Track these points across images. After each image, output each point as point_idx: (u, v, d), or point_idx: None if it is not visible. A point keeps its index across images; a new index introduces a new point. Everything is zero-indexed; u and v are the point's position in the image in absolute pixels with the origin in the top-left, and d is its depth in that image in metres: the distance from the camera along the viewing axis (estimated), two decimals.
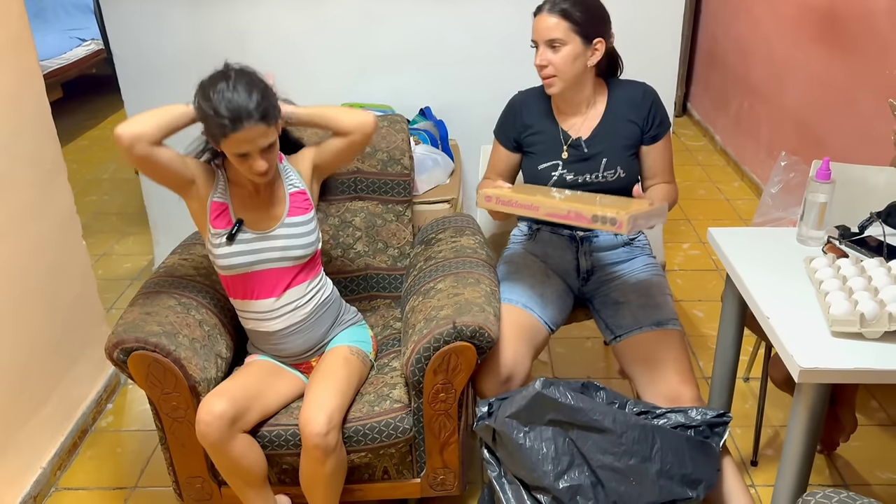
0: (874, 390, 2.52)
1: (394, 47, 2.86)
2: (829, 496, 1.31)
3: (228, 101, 1.61)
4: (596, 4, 1.91)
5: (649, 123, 1.98)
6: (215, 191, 1.83)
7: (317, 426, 1.70)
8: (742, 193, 4.07)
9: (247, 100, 1.62)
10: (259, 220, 1.84)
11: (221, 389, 1.77)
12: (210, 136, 1.71)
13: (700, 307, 2.97)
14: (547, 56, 1.87)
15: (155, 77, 2.97)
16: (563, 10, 1.85)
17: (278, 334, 1.90)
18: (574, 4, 1.85)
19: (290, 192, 1.87)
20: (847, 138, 3.10)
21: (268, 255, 1.83)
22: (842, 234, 1.86)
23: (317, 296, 1.92)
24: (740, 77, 4.30)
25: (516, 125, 2.06)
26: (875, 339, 1.48)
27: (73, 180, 2.47)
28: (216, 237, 1.82)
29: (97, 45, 5.61)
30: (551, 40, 1.86)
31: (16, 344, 2.11)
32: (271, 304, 1.86)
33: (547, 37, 1.86)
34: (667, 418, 1.73)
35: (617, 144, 1.98)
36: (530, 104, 2.05)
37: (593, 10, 1.89)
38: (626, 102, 1.99)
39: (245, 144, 1.66)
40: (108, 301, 3.11)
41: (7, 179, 2.09)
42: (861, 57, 2.98)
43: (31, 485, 2.14)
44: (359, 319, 2.06)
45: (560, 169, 2.00)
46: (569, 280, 2.09)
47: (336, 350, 1.93)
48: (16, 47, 2.15)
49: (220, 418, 1.70)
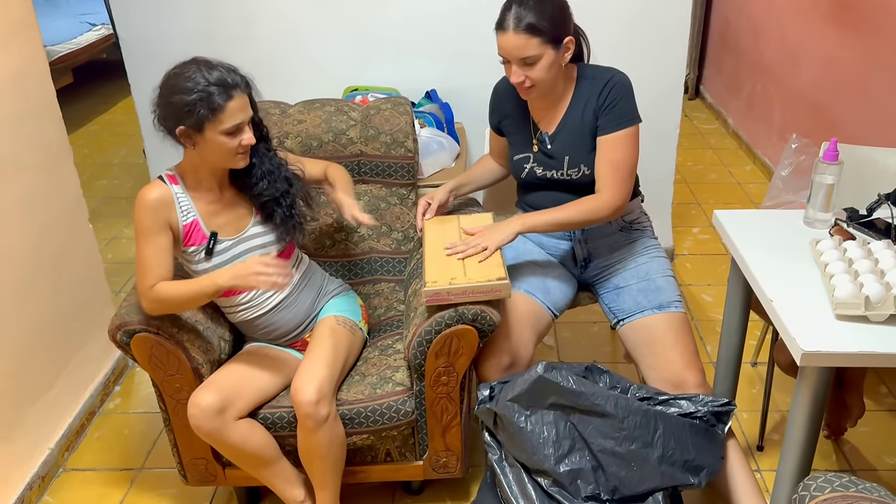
0: (884, 375, 2.49)
1: (399, 30, 2.84)
2: (829, 480, 1.30)
3: (210, 77, 1.64)
4: (556, 4, 1.78)
5: (602, 112, 1.84)
6: (180, 213, 1.77)
7: (305, 395, 1.72)
8: (754, 177, 4.03)
9: (227, 71, 1.68)
10: (230, 222, 1.82)
11: (209, 381, 1.78)
12: (193, 127, 1.66)
13: (709, 291, 2.94)
14: (523, 72, 1.78)
15: (162, 61, 2.93)
16: (528, 25, 1.72)
17: (265, 317, 1.90)
18: (538, 15, 1.72)
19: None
20: (860, 120, 3.05)
21: (248, 256, 1.82)
22: (849, 217, 1.83)
23: (295, 271, 1.93)
24: (753, 59, 4.24)
25: (497, 111, 2.05)
26: (880, 321, 1.46)
27: (83, 165, 2.49)
28: (194, 254, 1.79)
29: (107, 30, 5.60)
30: (524, 58, 1.75)
31: (22, 326, 2.13)
32: (253, 293, 1.87)
33: (519, 56, 1.75)
34: (670, 405, 1.72)
35: (579, 141, 1.89)
36: (511, 92, 1.95)
37: (556, 13, 1.76)
38: (590, 93, 1.87)
39: (239, 114, 1.67)
40: (116, 284, 3.13)
41: (13, 163, 2.09)
42: (874, 38, 2.92)
43: (39, 465, 2.16)
44: (345, 289, 2.06)
45: (531, 162, 1.98)
46: (568, 267, 2.08)
47: (323, 322, 1.93)
48: (20, 31, 2.15)
49: (206, 410, 1.71)
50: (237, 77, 1.69)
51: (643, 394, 1.74)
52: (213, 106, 1.63)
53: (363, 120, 2.27)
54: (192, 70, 1.66)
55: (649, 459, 1.63)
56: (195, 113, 1.64)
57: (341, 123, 2.26)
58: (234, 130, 1.68)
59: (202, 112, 1.64)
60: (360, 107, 2.32)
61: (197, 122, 1.65)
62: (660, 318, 1.87)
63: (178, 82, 1.65)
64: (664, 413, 1.67)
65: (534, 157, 1.97)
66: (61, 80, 4.91)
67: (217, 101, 1.64)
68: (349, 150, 2.25)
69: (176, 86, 1.65)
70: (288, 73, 2.85)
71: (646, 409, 1.65)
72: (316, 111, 2.28)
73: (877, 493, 1.24)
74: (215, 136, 1.67)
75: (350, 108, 2.30)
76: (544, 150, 1.96)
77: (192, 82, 1.63)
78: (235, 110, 1.67)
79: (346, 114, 2.28)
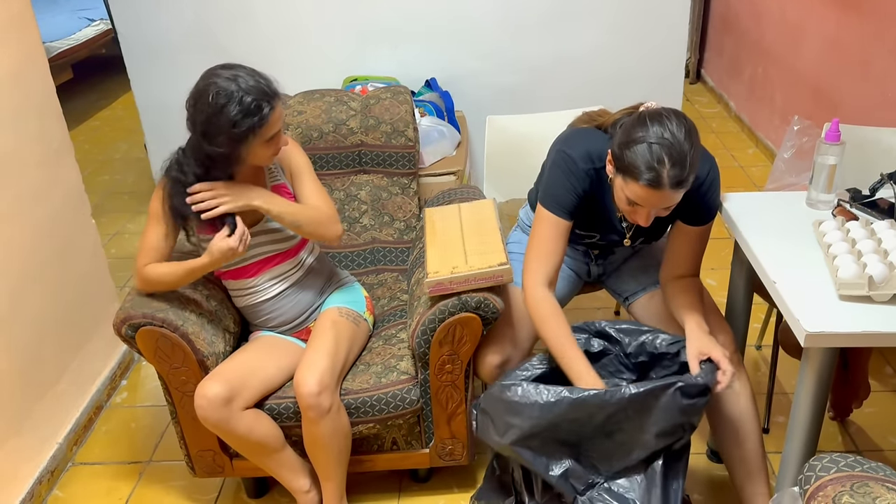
0: (889, 356, 2.49)
1: (398, 18, 2.83)
2: (835, 460, 1.30)
3: (251, 88, 1.64)
4: (696, 143, 1.56)
5: (700, 201, 1.69)
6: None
7: (307, 387, 1.73)
8: (756, 160, 4.01)
9: (263, 81, 1.68)
10: (246, 213, 1.81)
11: (216, 371, 1.79)
12: (236, 142, 1.66)
13: (713, 275, 2.94)
14: (656, 215, 1.60)
15: (160, 55, 2.96)
16: (680, 181, 1.50)
17: (269, 303, 1.92)
18: (689, 168, 1.51)
19: (272, 185, 1.88)
20: (862, 101, 3.04)
21: (259, 249, 1.86)
22: (852, 197, 1.82)
23: (305, 263, 1.95)
24: (754, 42, 4.22)
25: (577, 191, 1.70)
26: (883, 301, 1.46)
27: (85, 161, 2.49)
28: (207, 241, 1.78)
29: (106, 25, 5.59)
30: (668, 207, 1.58)
31: (27, 322, 2.14)
32: (259, 278, 1.89)
33: (664, 206, 1.56)
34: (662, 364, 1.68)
35: (658, 224, 1.77)
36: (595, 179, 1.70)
37: (695, 159, 1.54)
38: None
39: (278, 122, 1.71)
40: (120, 279, 3.14)
41: (14, 159, 2.10)
42: (876, 18, 2.91)
43: (48, 460, 2.18)
44: (349, 280, 2.07)
45: (596, 239, 1.87)
46: (579, 273, 2.05)
47: (326, 313, 1.94)
48: (18, 26, 2.15)
49: (213, 401, 1.72)
50: (272, 87, 1.69)
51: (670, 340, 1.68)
52: (260, 117, 1.65)
53: (363, 110, 2.26)
54: (227, 83, 1.63)
55: (641, 440, 1.57)
56: (239, 128, 1.64)
57: (341, 114, 2.25)
58: (274, 136, 1.71)
59: (248, 126, 1.64)
60: (360, 97, 2.31)
61: (239, 138, 1.66)
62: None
63: (220, 98, 1.62)
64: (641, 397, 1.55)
65: (602, 237, 1.86)
66: (61, 76, 4.90)
67: (263, 112, 1.65)
68: (349, 140, 2.25)
69: (218, 100, 1.62)
70: (287, 63, 2.84)
71: (625, 400, 1.53)
72: (316, 102, 2.28)
73: (882, 472, 1.24)
74: (258, 146, 1.70)
75: (350, 98, 2.29)
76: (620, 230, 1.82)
77: (234, 97, 1.62)
78: (276, 119, 1.70)
79: (346, 104, 2.27)
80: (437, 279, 1.74)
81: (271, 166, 1.89)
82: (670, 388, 1.52)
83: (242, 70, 1.68)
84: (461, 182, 2.58)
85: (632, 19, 2.79)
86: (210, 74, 1.67)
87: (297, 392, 1.75)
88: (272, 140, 1.72)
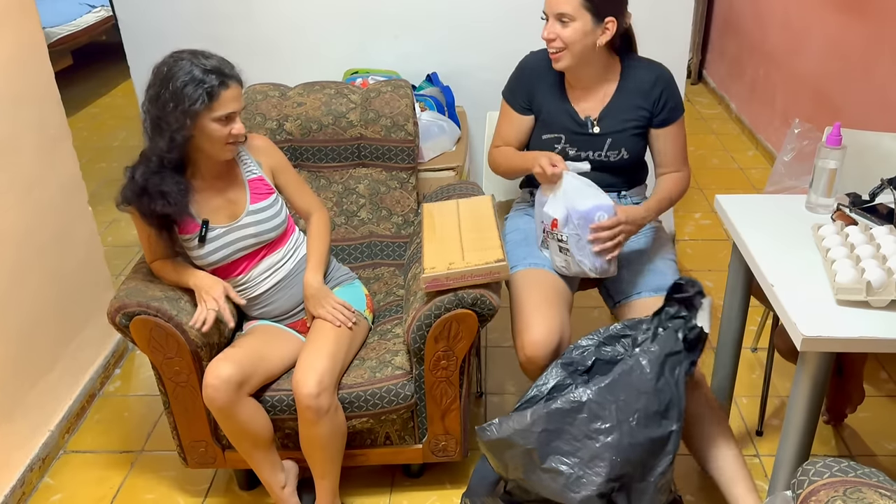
0: (884, 361, 2.49)
1: (400, 12, 2.81)
2: (829, 465, 1.30)
3: (207, 65, 1.68)
4: None
5: (659, 107, 1.94)
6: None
7: (306, 388, 1.72)
8: (756, 162, 4.01)
9: (220, 60, 1.72)
10: (222, 209, 1.84)
11: (227, 354, 1.79)
12: (186, 116, 1.67)
13: (710, 277, 2.93)
14: (555, 29, 1.83)
15: (161, 42, 2.90)
16: None
17: (263, 297, 1.92)
18: None
19: (248, 179, 1.88)
20: (863, 105, 3.03)
21: (242, 244, 1.86)
22: (852, 202, 1.82)
23: (295, 254, 1.95)
24: (756, 43, 4.21)
25: (526, 87, 2.01)
26: (881, 307, 1.46)
27: (83, 148, 2.47)
28: (188, 241, 1.84)
29: (107, 12, 5.57)
30: (561, 14, 1.81)
31: (22, 309, 2.13)
32: (251, 274, 1.90)
33: (557, 10, 1.81)
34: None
35: (624, 126, 1.95)
36: (541, 71, 1.99)
37: None
38: (637, 84, 1.94)
39: (233, 102, 1.71)
40: (117, 268, 3.13)
41: (11, 146, 2.08)
42: (878, 22, 2.90)
43: (40, 447, 2.17)
44: (350, 278, 2.06)
45: (563, 143, 1.97)
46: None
47: None
48: (18, 12, 2.13)
49: (227, 382, 1.71)
50: (230, 66, 1.73)
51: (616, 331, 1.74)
52: (209, 94, 1.67)
53: (363, 103, 2.25)
54: (183, 63, 1.68)
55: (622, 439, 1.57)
56: (189, 102, 1.66)
57: (341, 106, 2.24)
58: (226, 119, 1.71)
59: (198, 101, 1.66)
60: (361, 90, 2.30)
61: (189, 111, 1.67)
62: (656, 302, 1.86)
63: (173, 73, 1.67)
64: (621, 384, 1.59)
65: (567, 138, 1.97)
66: (60, 63, 4.88)
67: (214, 89, 1.67)
68: (349, 133, 2.24)
69: (172, 76, 1.67)
70: (287, 55, 2.83)
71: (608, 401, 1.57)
72: (316, 94, 2.27)
73: (876, 478, 1.23)
74: (208, 122, 1.70)
75: (350, 91, 2.28)
76: (584, 131, 1.95)
77: (187, 73, 1.66)
78: (230, 99, 1.71)
79: (347, 97, 2.26)
80: (433, 275, 1.73)
81: (246, 159, 1.89)
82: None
83: (209, 53, 1.73)
84: (460, 178, 2.57)
85: (634, 20, 2.78)
86: (174, 53, 1.72)
87: (297, 393, 1.74)
88: (225, 121, 1.71)
